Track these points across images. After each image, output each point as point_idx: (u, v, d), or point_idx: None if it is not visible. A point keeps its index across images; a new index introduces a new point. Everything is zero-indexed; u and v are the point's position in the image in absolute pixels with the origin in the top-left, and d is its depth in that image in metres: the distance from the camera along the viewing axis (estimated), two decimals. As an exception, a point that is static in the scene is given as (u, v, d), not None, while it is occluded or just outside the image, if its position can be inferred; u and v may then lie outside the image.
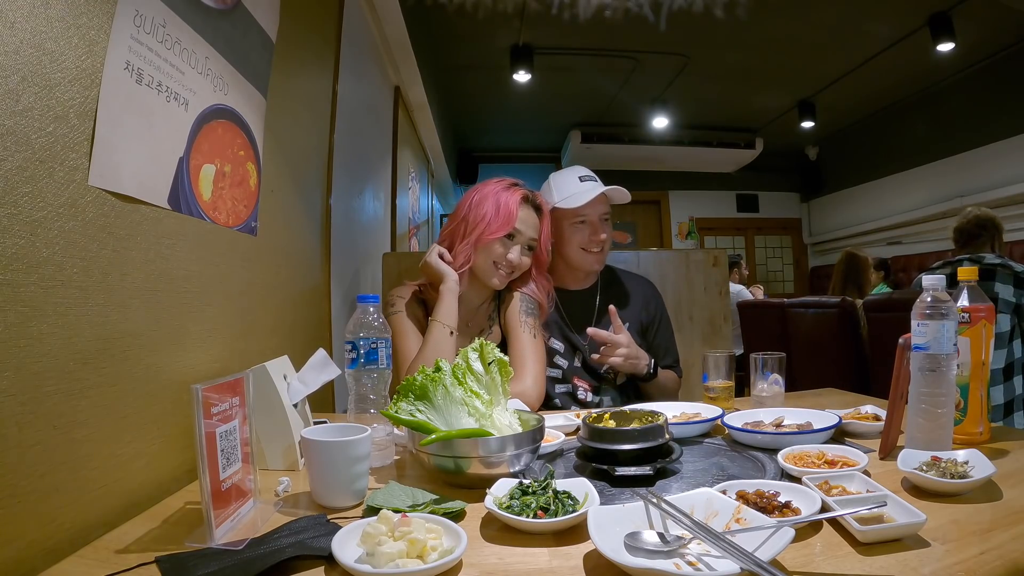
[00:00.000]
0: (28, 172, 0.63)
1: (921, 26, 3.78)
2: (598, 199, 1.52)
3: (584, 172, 1.59)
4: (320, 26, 1.68)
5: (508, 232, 1.39)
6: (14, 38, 0.61)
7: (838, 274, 3.49)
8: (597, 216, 1.53)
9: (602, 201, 1.54)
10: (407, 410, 0.86)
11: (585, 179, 1.56)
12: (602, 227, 1.54)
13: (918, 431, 0.90)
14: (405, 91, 3.20)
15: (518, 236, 1.42)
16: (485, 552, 0.64)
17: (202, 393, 0.66)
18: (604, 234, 1.53)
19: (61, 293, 0.67)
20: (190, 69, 0.92)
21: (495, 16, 3.46)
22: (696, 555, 0.59)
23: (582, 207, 1.50)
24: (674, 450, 0.91)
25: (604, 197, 1.53)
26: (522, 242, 1.43)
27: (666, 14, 3.35)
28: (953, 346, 0.88)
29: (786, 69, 4.54)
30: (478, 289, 1.48)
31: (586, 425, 0.94)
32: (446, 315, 1.35)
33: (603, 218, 1.55)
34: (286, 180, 1.38)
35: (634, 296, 1.64)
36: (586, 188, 1.53)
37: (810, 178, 6.81)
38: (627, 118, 5.49)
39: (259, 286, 1.21)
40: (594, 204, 1.52)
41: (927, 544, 0.61)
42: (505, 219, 1.38)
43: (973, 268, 1.00)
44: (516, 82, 4.32)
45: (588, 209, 1.51)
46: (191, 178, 0.94)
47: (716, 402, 1.27)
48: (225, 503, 0.69)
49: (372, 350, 0.98)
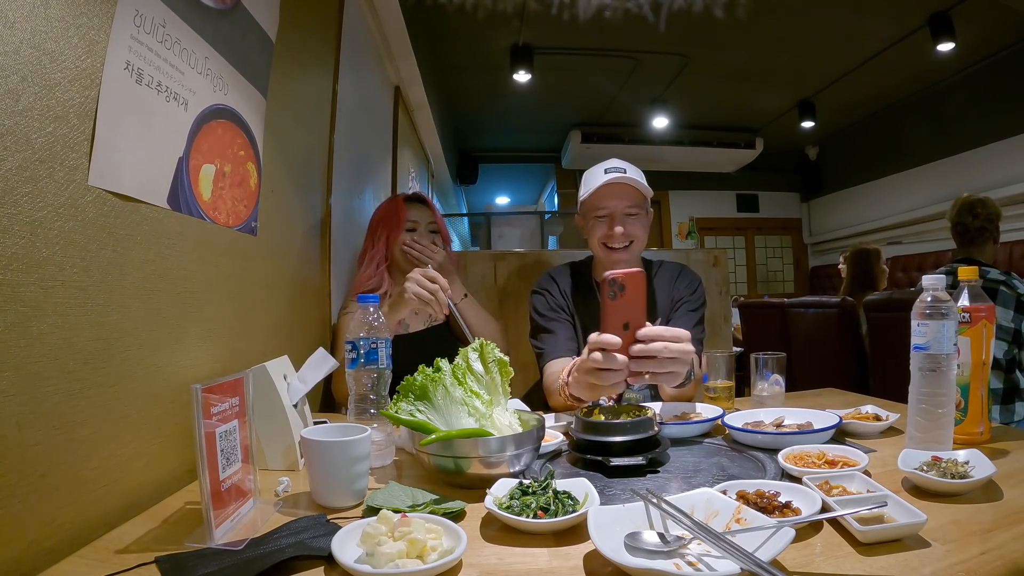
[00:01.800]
0: (28, 172, 0.63)
1: (921, 26, 3.78)
2: (615, 190, 1.42)
3: (612, 164, 1.47)
4: (320, 26, 1.67)
5: (406, 224, 1.62)
6: (14, 38, 0.61)
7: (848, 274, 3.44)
8: (618, 209, 1.43)
9: (621, 192, 1.43)
10: (407, 410, 0.86)
11: (611, 171, 1.45)
12: (619, 221, 1.42)
13: (918, 431, 0.89)
14: (405, 91, 3.19)
15: (417, 226, 1.64)
16: (485, 552, 0.64)
17: (202, 393, 0.66)
18: (620, 228, 1.42)
19: (61, 293, 0.67)
20: (190, 69, 0.92)
21: (495, 16, 3.46)
22: (696, 555, 0.59)
23: (597, 198, 1.43)
24: (662, 442, 0.96)
25: (626, 188, 1.43)
26: (423, 226, 1.65)
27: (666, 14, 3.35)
28: (953, 346, 0.88)
29: (786, 69, 4.54)
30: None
31: (579, 419, 0.98)
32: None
33: (626, 211, 1.43)
34: (286, 180, 1.38)
35: (660, 289, 1.52)
36: (606, 179, 1.43)
37: (810, 178, 6.81)
38: (627, 118, 5.50)
39: (259, 286, 1.21)
40: (610, 196, 1.42)
41: (927, 544, 0.61)
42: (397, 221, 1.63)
43: (974, 268, 1.00)
44: (516, 82, 4.32)
45: (605, 201, 1.43)
46: (191, 178, 0.94)
47: (716, 402, 1.27)
48: (225, 503, 0.69)
49: (372, 350, 0.98)
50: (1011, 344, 2.08)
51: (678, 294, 1.50)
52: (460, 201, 7.18)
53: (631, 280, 0.97)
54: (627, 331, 0.96)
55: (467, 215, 7.23)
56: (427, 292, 1.31)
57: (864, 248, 3.37)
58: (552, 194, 7.09)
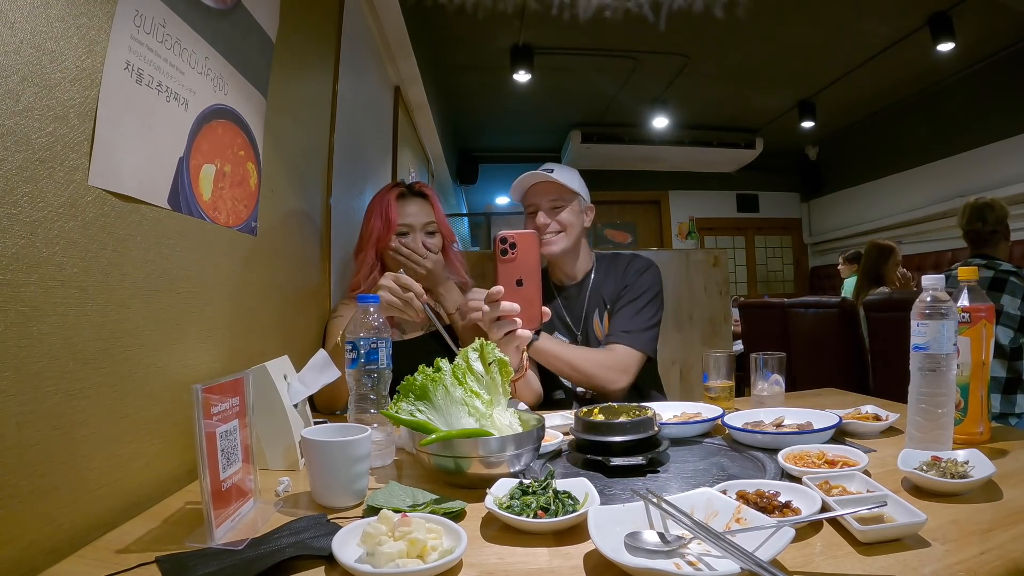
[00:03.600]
0: (28, 172, 0.63)
1: (921, 26, 3.78)
2: (536, 189, 1.53)
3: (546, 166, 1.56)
4: (320, 26, 1.67)
5: (396, 228, 1.47)
6: (14, 38, 0.61)
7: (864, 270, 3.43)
8: (542, 203, 1.52)
9: (540, 190, 1.53)
10: (407, 410, 0.86)
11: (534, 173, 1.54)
12: (541, 215, 1.51)
13: (918, 431, 0.90)
14: (405, 91, 3.19)
15: (411, 229, 1.49)
16: (485, 552, 0.64)
17: (202, 393, 0.66)
18: (541, 221, 1.50)
19: (61, 293, 0.67)
20: (190, 69, 0.92)
21: (495, 16, 3.46)
22: (696, 555, 0.59)
23: (521, 198, 1.55)
24: (662, 442, 0.96)
25: (545, 186, 1.52)
26: (418, 230, 1.50)
27: (666, 14, 3.35)
28: (953, 346, 0.88)
29: (786, 69, 4.55)
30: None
31: (579, 419, 0.98)
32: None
33: (551, 204, 1.51)
34: (286, 180, 1.38)
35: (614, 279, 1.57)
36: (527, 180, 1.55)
37: (810, 178, 6.81)
38: (627, 118, 5.50)
39: (259, 286, 1.21)
40: (527, 192, 1.54)
41: (927, 544, 0.61)
42: (387, 223, 1.46)
43: (974, 268, 1.00)
44: (516, 82, 4.33)
45: (526, 199, 1.55)
46: (191, 178, 0.94)
47: (716, 402, 1.27)
48: (225, 503, 0.69)
49: (372, 350, 0.98)
50: (1017, 332, 2.11)
51: (623, 283, 1.55)
52: (460, 201, 7.17)
53: (522, 239, 1.08)
54: (521, 287, 1.08)
55: (467, 215, 7.23)
56: (398, 299, 1.21)
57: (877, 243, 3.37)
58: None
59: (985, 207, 2.33)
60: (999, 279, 2.15)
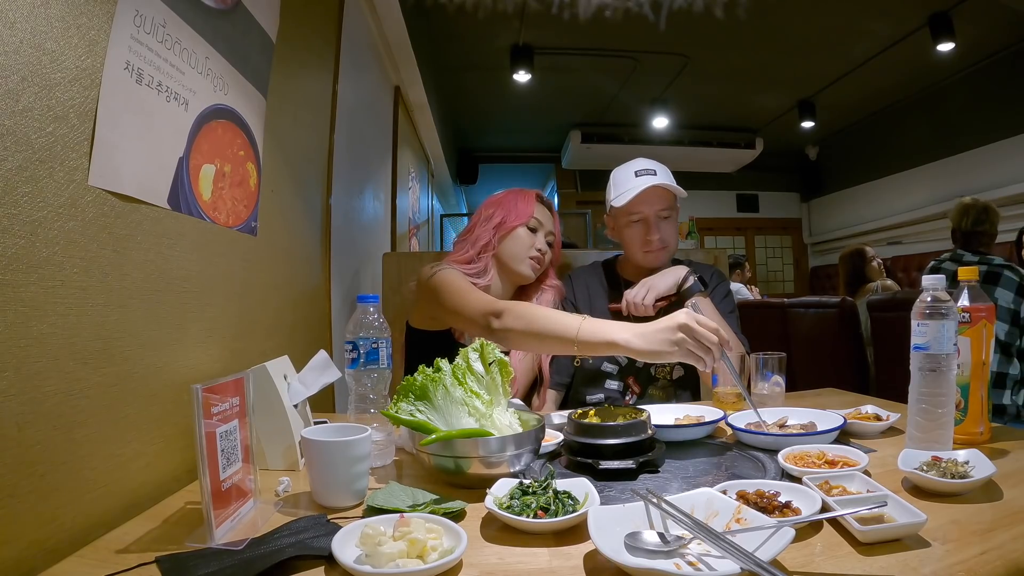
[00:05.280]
0: (28, 172, 0.63)
1: (921, 26, 3.78)
2: (649, 195, 1.42)
3: (642, 165, 1.47)
4: (320, 26, 1.67)
5: (529, 220, 1.47)
6: (14, 38, 0.61)
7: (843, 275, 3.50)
8: (652, 213, 1.44)
9: (655, 197, 1.43)
10: (407, 410, 0.86)
11: (641, 173, 1.45)
12: (655, 226, 1.44)
13: (918, 431, 0.89)
14: (405, 91, 3.20)
15: (540, 227, 1.50)
16: (485, 552, 0.64)
17: (202, 393, 0.66)
18: (657, 235, 1.44)
19: (61, 293, 0.67)
20: (190, 69, 0.92)
21: (495, 16, 3.46)
22: (696, 555, 0.59)
23: (632, 204, 1.42)
24: (656, 446, 0.93)
25: (661, 192, 1.43)
26: (544, 232, 1.50)
27: (666, 14, 3.35)
28: (953, 346, 0.88)
29: (786, 69, 4.55)
30: (506, 285, 1.52)
31: (572, 421, 0.96)
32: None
33: (660, 215, 1.45)
34: (286, 180, 1.38)
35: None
36: (638, 184, 1.43)
37: (810, 178, 6.81)
38: (627, 118, 5.50)
39: (259, 286, 1.21)
40: (645, 201, 1.42)
41: (927, 544, 0.61)
42: (525, 208, 1.48)
43: (974, 268, 1.00)
44: (516, 82, 4.33)
45: (641, 207, 1.43)
46: (191, 178, 0.94)
47: (724, 406, 1.25)
48: (225, 503, 0.69)
49: (373, 350, 0.98)
50: (1012, 326, 2.13)
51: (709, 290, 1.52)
52: (460, 201, 7.18)
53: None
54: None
55: (467, 215, 7.23)
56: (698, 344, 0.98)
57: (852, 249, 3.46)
58: (552, 194, 7.08)
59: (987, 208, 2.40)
60: (993, 273, 2.18)
